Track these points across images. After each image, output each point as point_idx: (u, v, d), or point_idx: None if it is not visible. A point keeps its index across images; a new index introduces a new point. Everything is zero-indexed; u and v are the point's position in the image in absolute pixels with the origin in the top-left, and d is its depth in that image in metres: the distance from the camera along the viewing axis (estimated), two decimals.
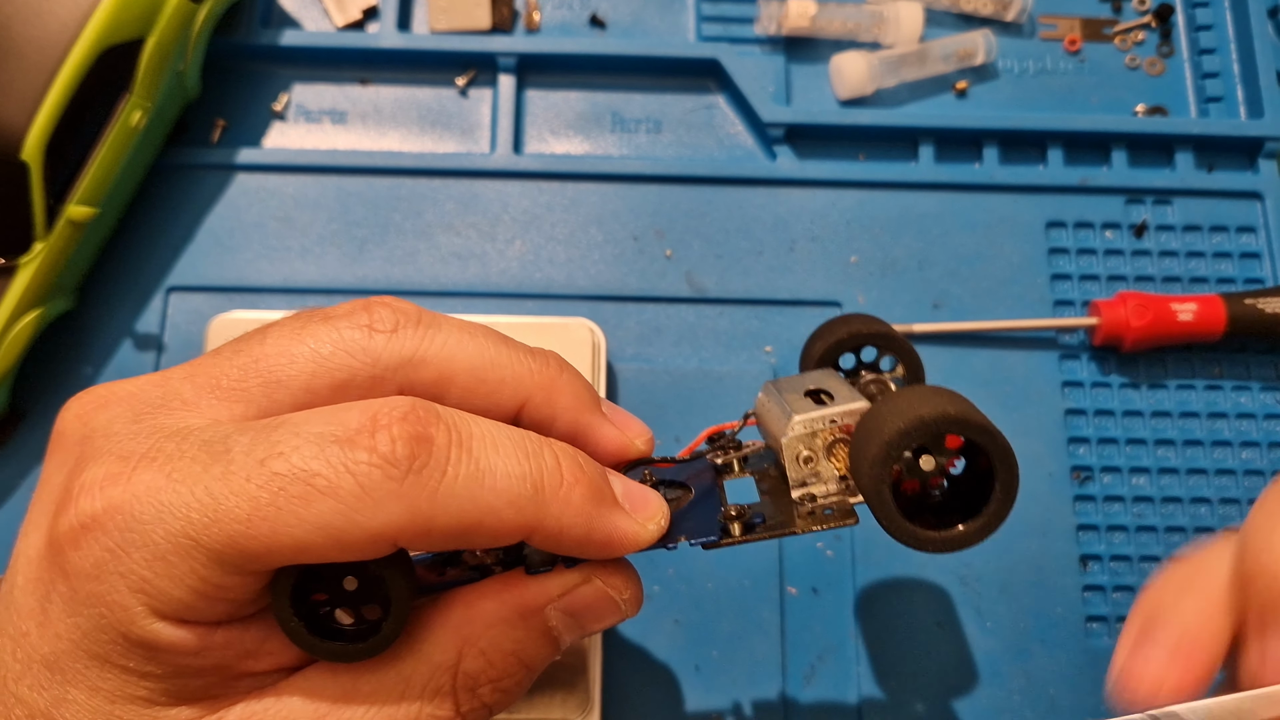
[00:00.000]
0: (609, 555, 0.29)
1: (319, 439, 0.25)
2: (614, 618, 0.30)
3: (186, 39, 0.51)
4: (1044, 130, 0.56)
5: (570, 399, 0.31)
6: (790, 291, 0.54)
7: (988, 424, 0.27)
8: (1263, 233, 0.55)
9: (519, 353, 0.30)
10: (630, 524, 0.29)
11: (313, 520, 0.25)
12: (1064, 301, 0.54)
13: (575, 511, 0.28)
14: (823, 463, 0.30)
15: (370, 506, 0.25)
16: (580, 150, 0.57)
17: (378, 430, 0.25)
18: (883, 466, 0.27)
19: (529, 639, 0.29)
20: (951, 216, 0.55)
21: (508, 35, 0.57)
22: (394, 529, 0.25)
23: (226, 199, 0.54)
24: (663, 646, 0.47)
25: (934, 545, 0.28)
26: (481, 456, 0.27)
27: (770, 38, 0.58)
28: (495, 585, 0.29)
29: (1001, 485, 0.27)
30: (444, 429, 0.26)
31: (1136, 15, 0.60)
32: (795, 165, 0.56)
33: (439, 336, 0.29)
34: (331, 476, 0.25)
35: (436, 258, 0.54)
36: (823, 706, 0.47)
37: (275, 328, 0.29)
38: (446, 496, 0.26)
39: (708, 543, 0.29)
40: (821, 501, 0.30)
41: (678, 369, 0.52)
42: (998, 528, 0.28)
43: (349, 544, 0.25)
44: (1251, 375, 0.53)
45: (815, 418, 0.30)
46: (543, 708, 0.43)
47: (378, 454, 0.25)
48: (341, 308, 0.29)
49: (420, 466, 0.25)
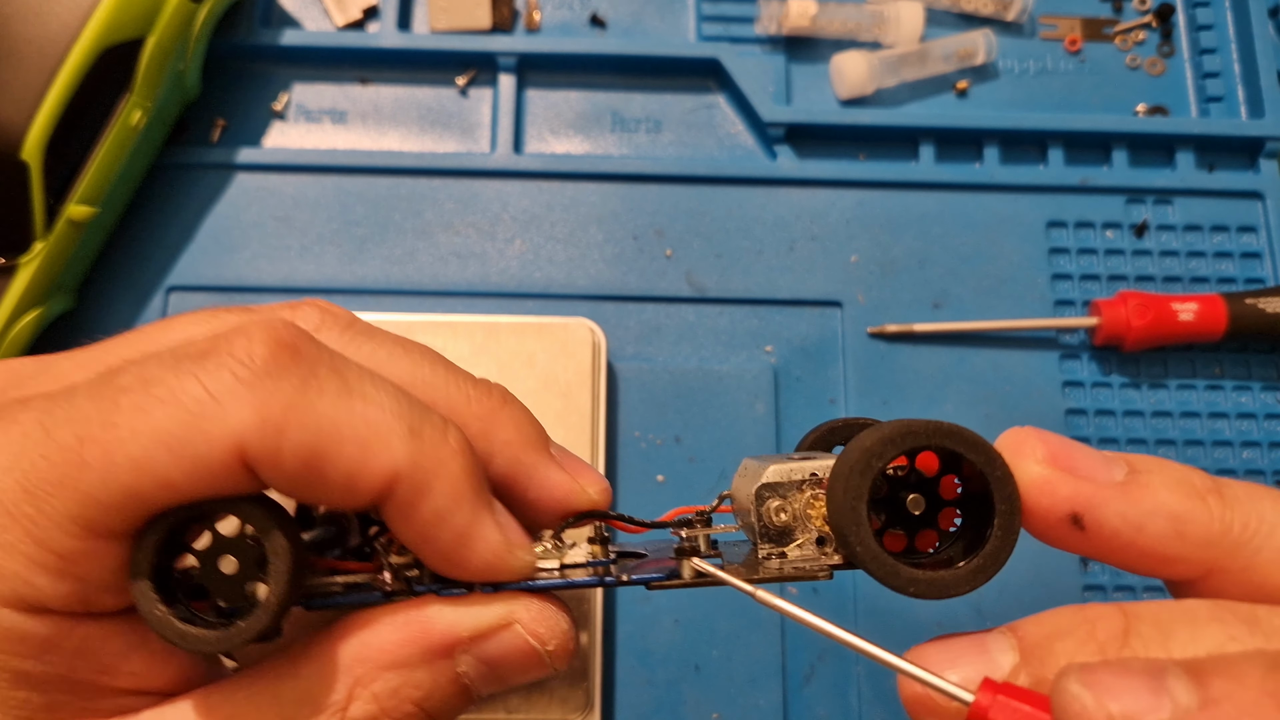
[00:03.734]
0: (473, 566, 0.25)
1: (170, 355, 0.23)
2: (537, 670, 0.26)
3: (187, 39, 0.51)
4: (1044, 130, 0.56)
5: (512, 433, 0.27)
6: (790, 291, 0.54)
7: (985, 443, 0.24)
8: (1263, 232, 0.55)
9: (457, 377, 0.27)
10: (499, 538, 0.25)
11: (149, 431, 0.21)
12: (1065, 301, 0.54)
13: (450, 480, 0.24)
14: (801, 526, 0.26)
15: (215, 411, 0.22)
16: (580, 150, 0.57)
17: (236, 335, 0.23)
18: (861, 478, 0.23)
19: (433, 686, 0.25)
20: (952, 216, 0.55)
21: (508, 35, 0.57)
22: (242, 438, 0.22)
23: (226, 199, 0.54)
24: (663, 646, 0.47)
25: (917, 587, 0.23)
26: (354, 382, 0.23)
27: (771, 37, 0.58)
28: (398, 611, 0.26)
29: (1001, 520, 0.23)
30: (314, 346, 0.23)
31: (1137, 15, 0.60)
32: (795, 165, 0.56)
33: (366, 345, 0.26)
34: (173, 383, 0.22)
35: (436, 257, 0.54)
36: (822, 706, 0.47)
37: (184, 315, 0.26)
38: (305, 408, 0.22)
39: (652, 581, 0.26)
40: (793, 561, 0.26)
41: (678, 368, 0.52)
42: (997, 570, 0.24)
43: (195, 459, 0.22)
44: (1252, 375, 0.53)
45: (792, 468, 0.26)
46: (543, 708, 0.43)
47: (231, 357, 0.22)
48: (268, 305, 0.27)
49: (278, 371, 0.22)
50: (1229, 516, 0.23)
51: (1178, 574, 0.24)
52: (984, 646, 0.23)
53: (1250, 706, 0.18)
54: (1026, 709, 0.21)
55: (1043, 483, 0.24)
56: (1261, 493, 0.24)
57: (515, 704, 0.43)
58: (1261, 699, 0.18)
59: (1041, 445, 0.24)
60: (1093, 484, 0.24)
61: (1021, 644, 0.23)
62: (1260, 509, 0.24)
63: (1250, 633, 0.21)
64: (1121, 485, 0.24)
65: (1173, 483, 0.24)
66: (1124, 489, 0.24)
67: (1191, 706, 0.19)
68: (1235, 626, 0.22)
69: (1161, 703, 0.19)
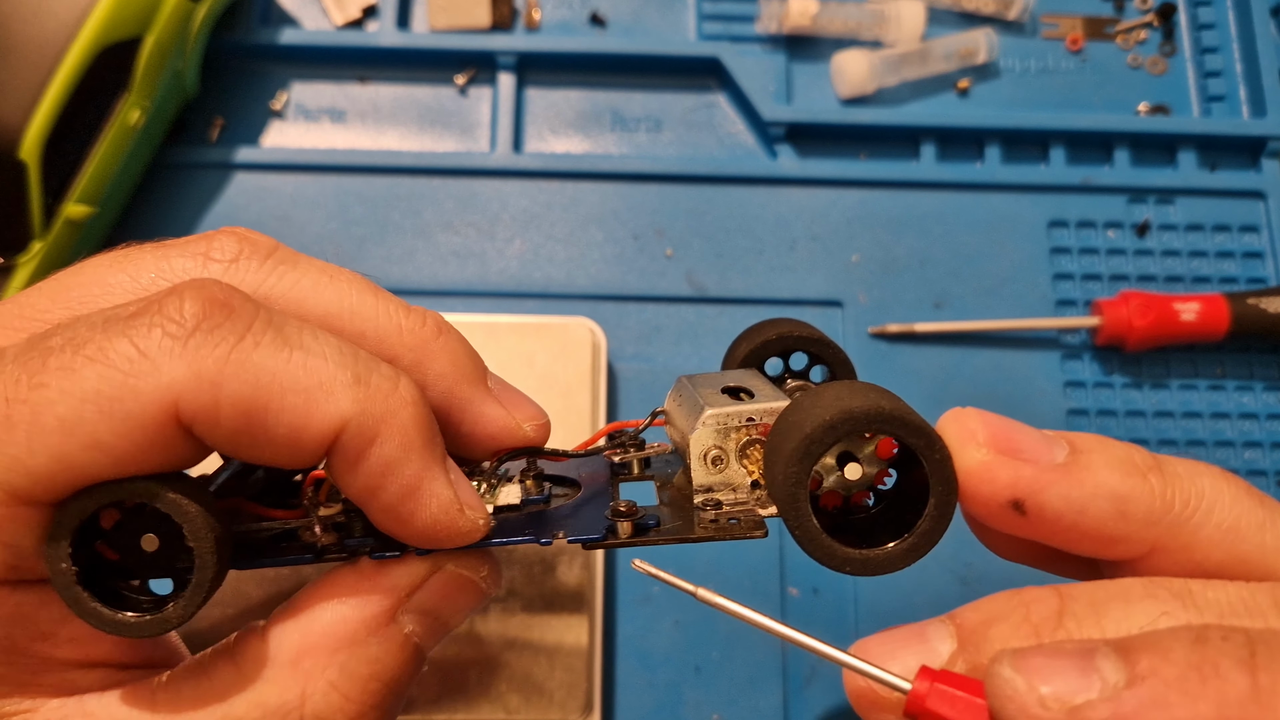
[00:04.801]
0: (419, 522, 0.24)
1: (101, 318, 0.22)
2: (476, 601, 0.26)
3: (185, 38, 0.51)
4: (1046, 129, 0.56)
5: (446, 365, 0.26)
6: (791, 291, 0.53)
7: (925, 426, 0.24)
8: (1266, 232, 0.55)
9: (389, 305, 0.26)
10: (449, 494, 0.24)
11: (78, 391, 0.21)
12: (1066, 301, 0.54)
13: (400, 430, 0.23)
14: (734, 465, 0.26)
15: (146, 368, 0.21)
16: (580, 149, 0.57)
17: (169, 296, 0.22)
18: (801, 465, 0.23)
19: (386, 655, 0.25)
20: (953, 215, 0.55)
21: (507, 34, 0.57)
22: (174, 393, 0.21)
23: (225, 198, 0.54)
24: (663, 646, 0.47)
25: (853, 566, 0.24)
26: (293, 335, 0.23)
27: (771, 36, 0.58)
28: (331, 588, 0.25)
29: (936, 500, 0.23)
30: (249, 303, 0.23)
31: (1139, 14, 0.60)
32: (796, 164, 0.56)
33: (290, 274, 0.25)
34: (103, 341, 0.21)
35: (435, 256, 0.53)
36: (823, 708, 0.47)
37: (98, 256, 0.25)
38: (241, 361, 0.22)
39: (588, 541, 0.25)
40: (728, 509, 0.26)
41: (678, 368, 0.52)
42: (929, 550, 0.24)
43: (125, 418, 0.21)
44: (1254, 375, 0.53)
45: (730, 413, 0.26)
46: (543, 708, 0.43)
47: (162, 315, 0.22)
48: (184, 238, 0.26)
49: (212, 327, 0.22)
50: (1170, 493, 0.23)
51: (1120, 554, 0.24)
52: (924, 635, 0.23)
53: (1176, 681, 0.19)
54: (961, 695, 0.21)
55: (983, 470, 0.24)
56: (1201, 469, 0.24)
57: (515, 704, 0.43)
58: (1187, 673, 0.19)
59: (983, 428, 0.24)
60: (1034, 467, 0.24)
61: (960, 631, 0.23)
62: (1200, 486, 0.24)
63: (1183, 607, 0.22)
64: (1063, 467, 0.24)
65: (1114, 462, 0.24)
66: (1066, 471, 0.24)
67: (1120, 684, 0.19)
68: (1168, 602, 0.22)
69: (1091, 682, 0.19)
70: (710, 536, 0.25)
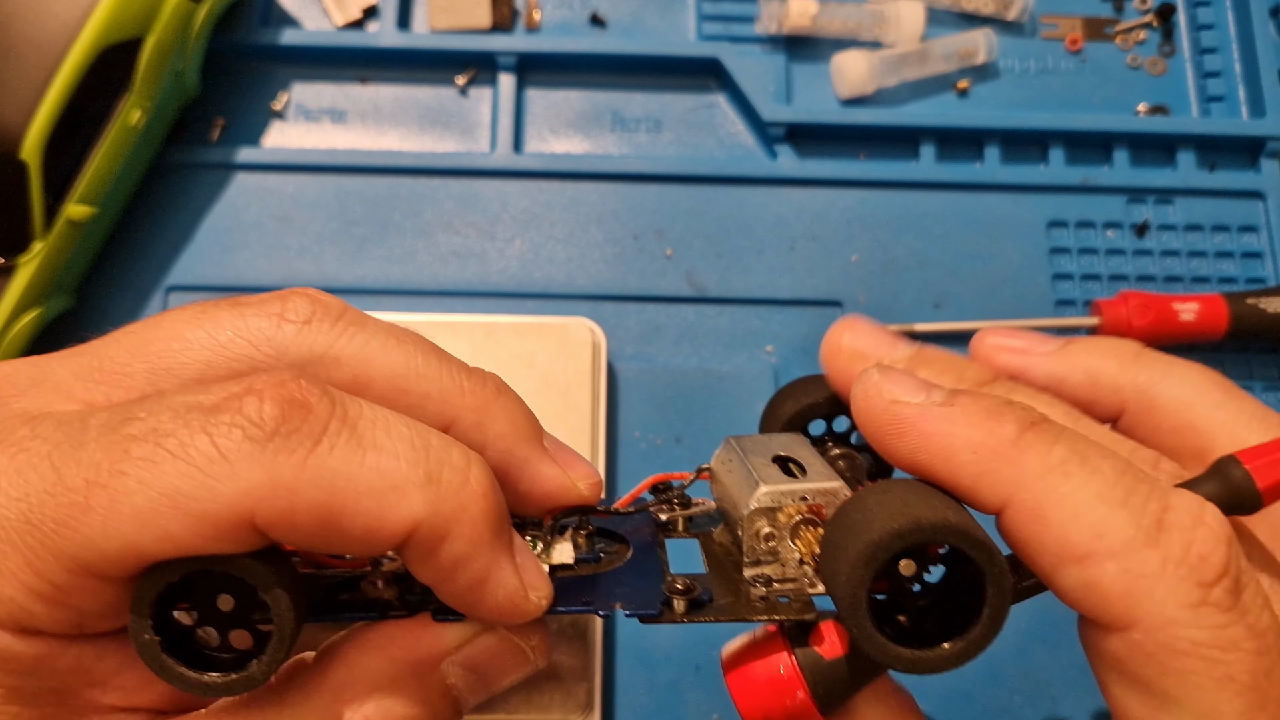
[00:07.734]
0: (486, 608, 0.25)
1: (183, 406, 0.22)
2: (521, 669, 0.27)
3: (186, 38, 0.51)
4: (1045, 130, 0.56)
5: (506, 425, 0.27)
6: (791, 291, 0.54)
7: (988, 541, 0.24)
8: (1265, 232, 0.55)
9: (451, 367, 0.27)
10: (515, 583, 0.25)
11: (157, 485, 0.21)
12: (1065, 301, 0.54)
13: (470, 525, 0.24)
14: (785, 543, 0.27)
15: (225, 471, 0.22)
16: (580, 149, 0.57)
17: (248, 395, 0.22)
18: (866, 569, 0.24)
19: (425, 701, 0.25)
20: (953, 216, 0.55)
21: (508, 34, 0.57)
22: (252, 499, 0.22)
23: (226, 198, 0.54)
24: (663, 646, 0.47)
25: (904, 664, 0.24)
26: (367, 433, 0.23)
27: (771, 37, 0.58)
28: (382, 634, 0.26)
29: (991, 611, 0.24)
30: (326, 400, 0.23)
31: (1138, 14, 0.60)
32: (796, 164, 0.56)
33: (359, 336, 0.26)
34: (185, 437, 0.22)
35: (436, 257, 0.53)
36: None
37: (175, 311, 0.26)
38: (317, 467, 0.22)
39: (645, 616, 0.26)
40: (777, 587, 0.27)
41: (678, 368, 0.52)
42: (979, 654, 0.24)
43: (200, 517, 0.22)
44: (1254, 375, 0.53)
45: (785, 491, 0.27)
46: (542, 708, 0.43)
47: (241, 415, 0.22)
48: (257, 296, 0.27)
49: (289, 431, 0.22)
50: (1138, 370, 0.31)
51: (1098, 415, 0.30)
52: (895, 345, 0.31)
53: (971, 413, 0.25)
54: None
55: None
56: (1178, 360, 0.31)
57: (515, 704, 0.43)
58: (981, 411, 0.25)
59: None
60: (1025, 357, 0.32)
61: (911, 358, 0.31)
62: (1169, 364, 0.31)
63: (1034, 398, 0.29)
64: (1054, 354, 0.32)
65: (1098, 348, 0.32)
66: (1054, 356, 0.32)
67: (938, 401, 0.26)
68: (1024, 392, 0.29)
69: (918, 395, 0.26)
70: (764, 617, 0.26)
